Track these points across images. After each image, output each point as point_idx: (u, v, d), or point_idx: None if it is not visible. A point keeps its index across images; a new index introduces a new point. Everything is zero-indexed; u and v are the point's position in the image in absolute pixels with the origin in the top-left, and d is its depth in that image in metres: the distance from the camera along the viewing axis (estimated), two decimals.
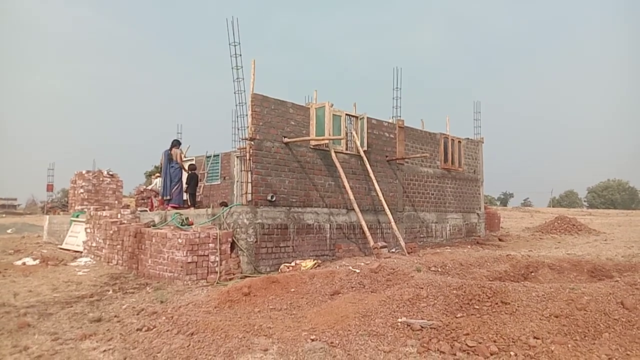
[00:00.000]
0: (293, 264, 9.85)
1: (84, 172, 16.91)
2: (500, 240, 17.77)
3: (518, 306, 5.51)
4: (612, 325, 4.84)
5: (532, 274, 8.62)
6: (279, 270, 9.62)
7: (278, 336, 5.27)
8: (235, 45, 11.02)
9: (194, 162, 16.46)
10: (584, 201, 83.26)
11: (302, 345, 4.97)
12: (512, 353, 4.60)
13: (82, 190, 16.58)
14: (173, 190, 13.32)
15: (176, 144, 13.77)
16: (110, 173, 17.38)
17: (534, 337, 4.80)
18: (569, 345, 4.59)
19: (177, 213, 10.65)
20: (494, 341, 4.86)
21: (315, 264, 9.71)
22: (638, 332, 4.66)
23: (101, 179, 17.06)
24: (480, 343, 4.83)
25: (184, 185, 13.85)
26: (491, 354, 4.64)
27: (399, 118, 14.72)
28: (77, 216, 14.14)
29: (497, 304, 5.66)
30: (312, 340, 5.12)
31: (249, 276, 8.96)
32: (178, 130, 22.04)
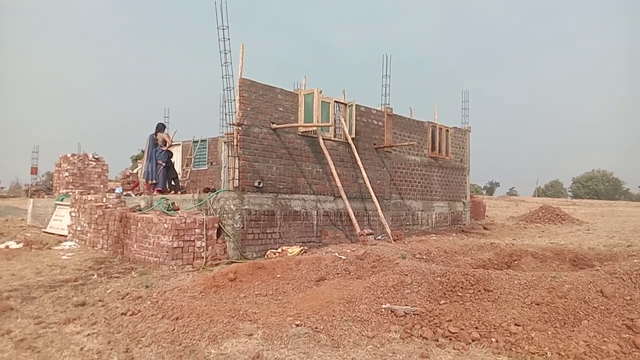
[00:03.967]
0: (279, 250, 9.87)
1: (69, 155, 16.71)
2: (485, 228, 17.98)
3: (500, 294, 5.60)
4: (591, 313, 4.94)
5: (516, 262, 8.74)
6: (266, 256, 9.64)
7: (263, 321, 5.30)
8: (223, 29, 10.88)
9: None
10: (569, 191, 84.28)
11: (287, 331, 5.01)
12: (493, 339, 4.68)
13: (67, 174, 16.40)
14: (159, 173, 13.20)
15: (161, 127, 13.58)
16: (96, 156, 17.20)
17: (515, 324, 4.88)
18: (549, 332, 4.68)
19: (163, 198, 10.60)
20: (476, 328, 4.93)
21: (301, 250, 9.75)
22: (616, 319, 4.76)
23: (86, 162, 16.87)
24: (462, 329, 4.91)
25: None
26: (473, 340, 4.71)
27: (387, 106, 14.72)
28: (62, 200, 13.99)
29: (480, 291, 5.74)
30: (297, 325, 5.16)
31: (235, 262, 8.98)
32: (165, 114, 21.86)
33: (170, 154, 13.99)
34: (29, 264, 9.18)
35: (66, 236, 12.44)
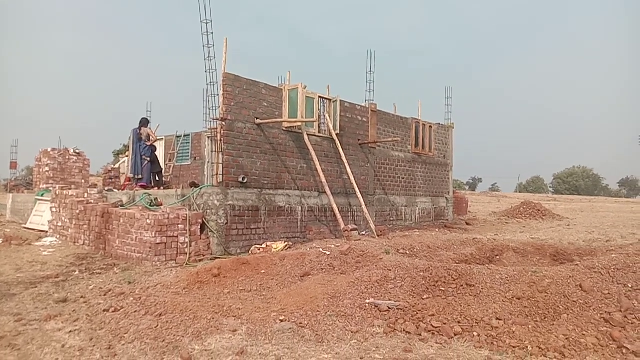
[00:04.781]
0: (264, 245, 9.85)
1: (49, 149, 16.43)
2: (467, 224, 18.15)
3: (482, 288, 5.67)
4: (570, 307, 5.03)
5: (497, 257, 8.85)
6: (250, 252, 9.62)
7: (247, 317, 5.30)
8: (206, 23, 10.79)
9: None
10: (550, 187, 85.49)
11: (271, 326, 5.02)
12: (475, 333, 4.74)
13: (47, 169, 16.13)
14: (143, 166, 13.11)
15: (145, 122, 13.48)
16: (77, 151, 16.93)
17: (497, 318, 4.95)
18: (530, 326, 4.76)
19: (145, 193, 10.50)
20: (458, 322, 4.99)
21: (286, 246, 9.74)
22: (594, 313, 4.86)
23: (67, 157, 16.61)
24: (445, 324, 4.96)
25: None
26: (455, 335, 4.77)
27: (371, 102, 14.75)
28: (42, 195, 13.78)
29: (462, 286, 5.80)
30: (281, 321, 5.17)
31: (219, 258, 8.95)
32: (147, 108, 21.56)
33: (154, 149, 13.89)
34: (9, 260, 9.03)
35: (47, 232, 12.26)
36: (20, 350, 4.54)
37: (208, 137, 16.38)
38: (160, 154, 18.02)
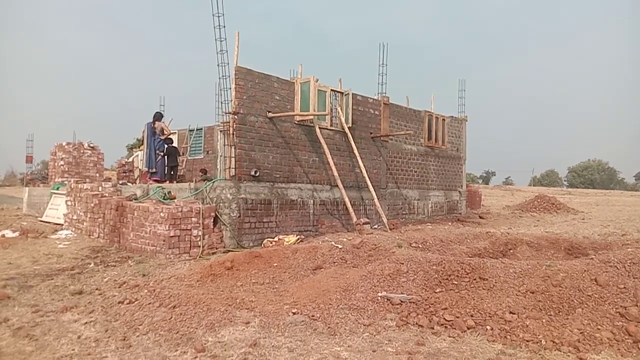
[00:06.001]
0: (276, 239, 9.89)
1: (64, 143, 16.62)
2: (480, 217, 18.03)
3: (495, 282, 5.63)
4: (585, 301, 4.99)
5: (511, 251, 8.79)
6: (262, 245, 9.66)
7: (260, 309, 5.33)
8: (219, 16, 10.82)
9: (170, 137, 15.57)
10: (564, 180, 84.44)
11: (284, 319, 5.04)
12: (488, 327, 4.72)
13: (62, 163, 16.33)
14: (157, 161, 13.23)
15: (159, 116, 13.59)
16: (91, 145, 17.12)
17: (510, 312, 4.92)
18: (544, 320, 4.72)
19: (159, 187, 10.58)
20: (471, 316, 4.97)
21: (298, 239, 9.76)
22: (609, 307, 4.81)
23: (82, 151, 16.79)
24: (457, 317, 4.95)
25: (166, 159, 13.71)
26: (468, 328, 4.76)
27: (384, 95, 14.68)
28: (58, 188, 13.95)
29: (475, 279, 5.77)
30: (294, 313, 5.19)
31: (232, 251, 9.00)
32: (160, 102, 21.73)
33: (170, 141, 14.05)
34: (26, 252, 9.17)
35: (62, 225, 12.42)
36: (38, 341, 4.62)
37: (220, 131, 16.43)
38: None
